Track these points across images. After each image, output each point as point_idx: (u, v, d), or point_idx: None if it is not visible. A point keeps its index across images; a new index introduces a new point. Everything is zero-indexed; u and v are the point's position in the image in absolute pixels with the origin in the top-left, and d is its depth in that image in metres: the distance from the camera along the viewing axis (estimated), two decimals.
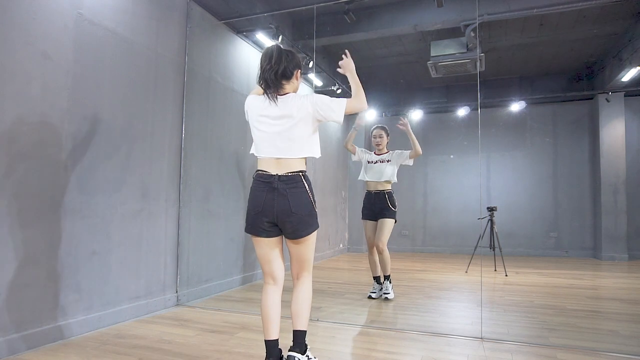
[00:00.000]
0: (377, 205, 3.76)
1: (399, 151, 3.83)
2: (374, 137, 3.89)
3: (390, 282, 3.80)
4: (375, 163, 3.84)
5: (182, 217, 3.54)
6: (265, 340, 1.95)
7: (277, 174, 1.90)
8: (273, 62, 1.90)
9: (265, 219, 1.91)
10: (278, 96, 1.93)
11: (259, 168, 1.97)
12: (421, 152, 3.74)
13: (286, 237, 1.97)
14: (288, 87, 1.96)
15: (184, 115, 3.58)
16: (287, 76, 1.94)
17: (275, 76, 1.90)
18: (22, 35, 2.32)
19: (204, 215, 3.84)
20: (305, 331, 1.97)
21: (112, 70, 2.89)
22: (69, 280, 2.57)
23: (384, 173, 3.78)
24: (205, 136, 3.88)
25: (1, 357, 2.18)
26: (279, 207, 1.88)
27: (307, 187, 1.92)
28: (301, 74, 2.04)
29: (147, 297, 3.18)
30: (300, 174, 1.92)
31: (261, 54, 1.98)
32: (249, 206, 1.96)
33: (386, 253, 3.74)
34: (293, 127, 1.91)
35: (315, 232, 1.99)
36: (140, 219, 3.11)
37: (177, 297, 3.49)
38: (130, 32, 3.05)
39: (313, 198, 1.95)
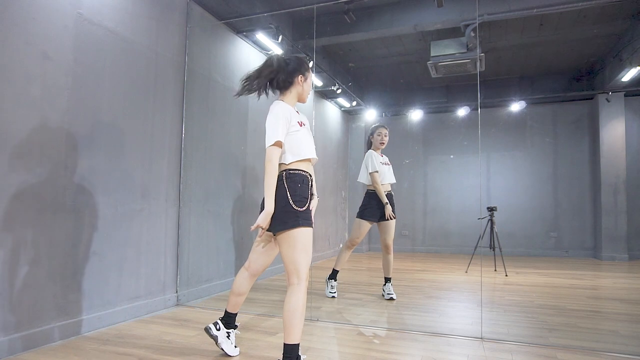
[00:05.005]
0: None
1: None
2: (380, 135, 3.85)
3: (391, 284, 3.81)
4: (385, 165, 3.84)
5: (182, 217, 3.54)
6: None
7: None
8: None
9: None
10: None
11: None
12: None
13: None
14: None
15: (183, 115, 3.58)
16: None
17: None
18: (22, 35, 2.32)
19: (204, 215, 3.84)
20: (289, 345, 1.87)
21: (112, 70, 2.89)
22: (69, 280, 2.57)
23: (392, 174, 3.84)
24: (205, 136, 3.88)
25: (2, 357, 2.18)
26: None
27: (284, 182, 1.95)
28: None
29: (147, 297, 3.18)
30: (284, 172, 1.99)
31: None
32: None
33: (392, 254, 3.77)
34: None
35: (294, 232, 1.90)
36: (140, 219, 3.11)
37: (177, 297, 3.49)
38: (130, 32, 3.05)
39: (290, 195, 1.92)
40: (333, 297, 3.79)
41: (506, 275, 5.06)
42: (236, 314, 2.29)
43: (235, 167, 4.34)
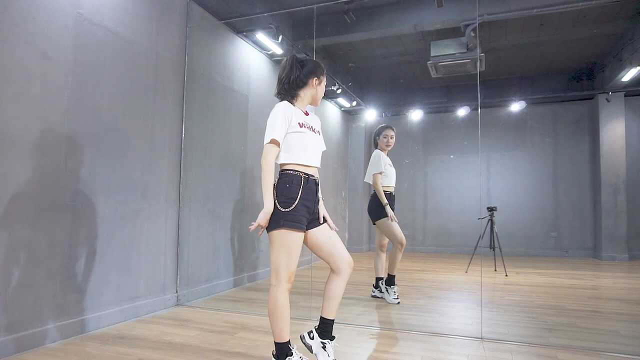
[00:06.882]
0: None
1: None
2: (386, 138, 3.79)
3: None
4: (391, 167, 3.81)
5: (182, 217, 3.54)
6: None
7: None
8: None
9: None
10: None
11: None
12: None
13: None
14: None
15: (183, 115, 3.58)
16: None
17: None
18: (22, 35, 2.32)
19: (204, 215, 3.84)
20: (275, 343, 1.94)
21: (112, 70, 2.89)
22: (69, 280, 2.57)
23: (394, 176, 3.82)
24: (205, 136, 3.88)
25: (1, 357, 2.18)
26: None
27: (276, 182, 1.99)
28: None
29: (147, 297, 3.18)
30: (279, 172, 2.03)
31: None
32: None
33: (385, 253, 3.81)
34: None
35: (275, 233, 1.90)
36: (140, 219, 3.11)
37: (177, 297, 3.49)
38: (130, 32, 3.05)
39: (277, 195, 1.94)
40: (398, 303, 3.58)
41: (506, 275, 5.06)
42: (332, 320, 2.06)
43: (235, 167, 4.34)
